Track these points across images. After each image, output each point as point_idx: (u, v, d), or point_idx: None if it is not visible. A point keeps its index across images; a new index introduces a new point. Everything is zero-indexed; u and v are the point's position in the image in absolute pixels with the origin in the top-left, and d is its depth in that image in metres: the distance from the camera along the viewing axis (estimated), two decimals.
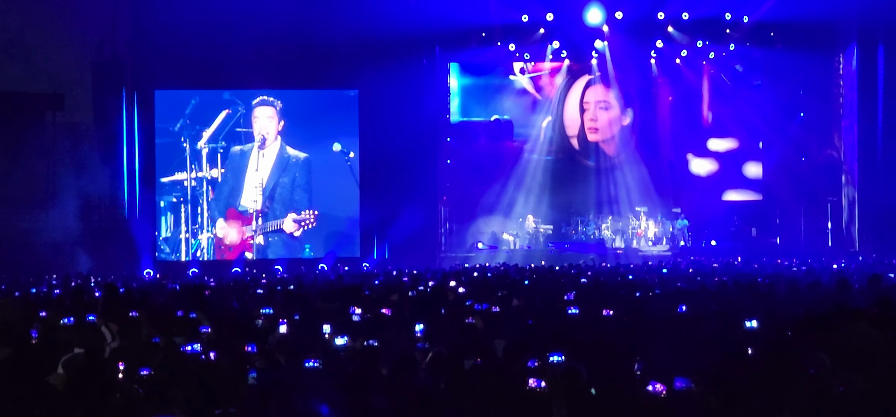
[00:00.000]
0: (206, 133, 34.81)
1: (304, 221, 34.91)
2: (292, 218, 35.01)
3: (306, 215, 34.96)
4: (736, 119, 38.19)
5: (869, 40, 35.45)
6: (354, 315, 13.64)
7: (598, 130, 38.73)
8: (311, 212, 34.98)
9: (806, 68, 37.15)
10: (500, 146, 38.36)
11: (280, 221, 34.99)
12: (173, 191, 34.86)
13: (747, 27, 36.04)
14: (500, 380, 9.08)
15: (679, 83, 38.47)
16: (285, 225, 34.98)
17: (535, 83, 38.50)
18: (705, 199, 37.92)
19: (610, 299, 16.74)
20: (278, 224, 35.01)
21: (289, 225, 35.00)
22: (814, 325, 11.76)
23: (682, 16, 35.76)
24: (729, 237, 36.96)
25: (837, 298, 16.31)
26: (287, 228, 34.99)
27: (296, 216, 34.94)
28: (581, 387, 8.83)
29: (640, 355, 9.94)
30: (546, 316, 13.63)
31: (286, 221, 34.99)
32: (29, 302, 17.65)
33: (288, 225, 34.99)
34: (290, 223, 35.00)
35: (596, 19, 35.95)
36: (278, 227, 34.98)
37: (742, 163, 38.54)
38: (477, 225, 37.80)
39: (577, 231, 37.65)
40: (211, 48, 33.96)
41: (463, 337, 11.96)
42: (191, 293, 18.61)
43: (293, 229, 35.01)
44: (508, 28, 36.17)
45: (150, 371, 9.17)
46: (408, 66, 35.42)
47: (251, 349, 10.64)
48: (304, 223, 34.92)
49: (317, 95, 35.59)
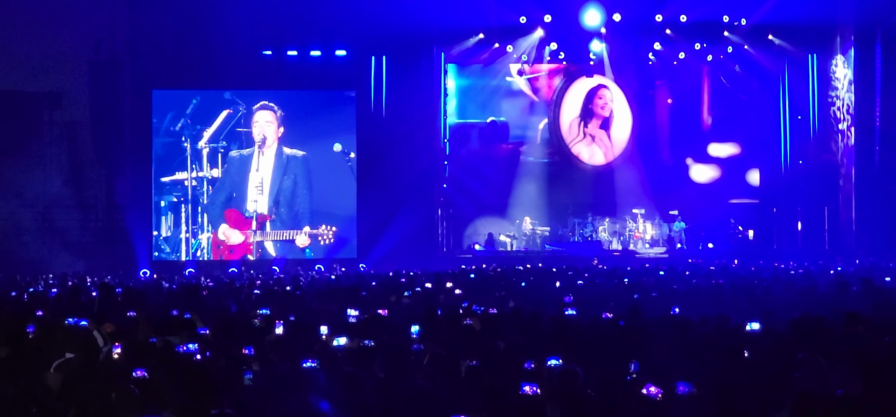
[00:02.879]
0: (207, 133, 34.77)
1: (322, 237, 34.75)
2: (307, 232, 34.82)
3: (324, 230, 34.77)
4: (736, 122, 38.15)
5: (866, 43, 35.45)
6: (350, 317, 13.63)
7: (594, 136, 38.68)
8: (329, 229, 34.78)
9: (803, 71, 37.15)
10: (495, 148, 38.34)
11: (293, 232, 34.80)
12: (174, 191, 34.82)
13: (745, 29, 36.04)
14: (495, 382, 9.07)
15: (678, 85, 38.46)
16: (298, 240, 34.77)
17: (532, 84, 38.48)
18: (702, 202, 37.89)
19: (607, 301, 16.77)
20: (292, 235, 34.82)
21: (302, 239, 34.79)
22: (811, 328, 11.76)
23: (680, 18, 35.76)
24: (726, 240, 36.93)
25: (834, 301, 16.34)
26: (300, 243, 34.79)
27: (311, 230, 34.75)
28: (578, 390, 8.82)
29: (636, 357, 9.94)
30: (543, 318, 13.61)
31: (300, 236, 34.76)
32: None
33: (301, 239, 34.77)
34: (304, 237, 34.80)
35: (594, 21, 35.94)
36: (291, 238, 34.82)
37: (744, 169, 38.41)
38: (474, 227, 37.78)
39: (574, 233, 37.64)
40: (208, 48, 33.89)
41: (460, 338, 11.96)
42: (187, 293, 18.63)
43: (306, 244, 34.81)
44: (506, 29, 36.17)
45: (147, 371, 9.15)
46: (406, 67, 35.42)
47: (248, 351, 10.62)
48: (322, 238, 34.77)
49: (315, 96, 35.57)
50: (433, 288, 20.33)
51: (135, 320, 13.45)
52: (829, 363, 9.80)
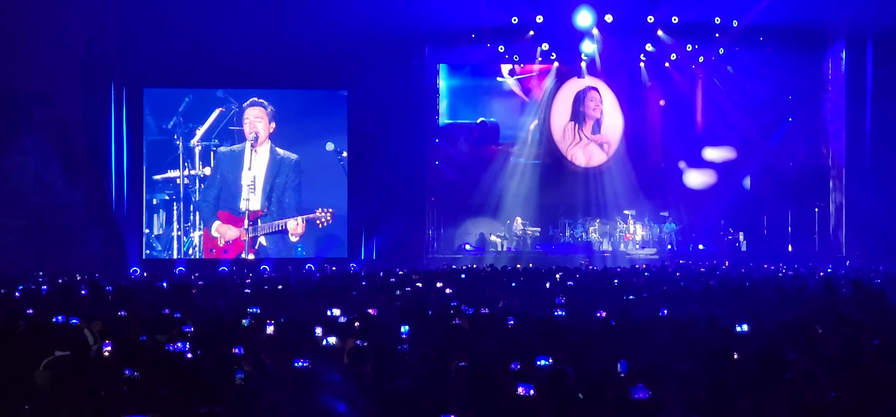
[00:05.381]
0: (200, 131, 34.73)
1: (319, 220, 34.64)
2: (301, 217, 34.70)
3: (320, 213, 34.65)
4: (729, 125, 38.08)
5: (857, 45, 35.52)
6: (340, 317, 13.63)
7: (586, 137, 38.70)
8: (326, 211, 34.65)
9: (794, 72, 37.22)
10: (486, 148, 38.35)
11: (284, 221, 34.70)
12: (166, 189, 34.78)
13: (737, 31, 36.07)
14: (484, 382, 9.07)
15: (670, 87, 38.46)
16: (290, 225, 34.65)
17: (523, 85, 38.50)
18: (693, 204, 37.91)
19: (598, 302, 16.78)
20: (286, 224, 34.73)
21: (298, 225, 34.64)
22: (800, 330, 11.79)
23: (672, 19, 35.78)
24: (717, 241, 36.97)
25: (824, 303, 16.38)
26: (296, 228, 34.64)
27: (308, 215, 34.64)
28: (568, 390, 8.83)
29: (626, 357, 9.95)
30: (533, 318, 13.62)
31: (295, 222, 34.61)
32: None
33: (297, 225, 34.62)
34: (301, 222, 34.67)
35: (585, 22, 35.95)
36: (285, 227, 34.73)
37: (739, 173, 38.26)
38: (465, 227, 37.79)
39: (564, 233, 37.65)
40: (199, 47, 33.85)
41: (449, 338, 11.96)
42: (177, 292, 18.61)
43: (302, 230, 34.69)
44: (498, 29, 36.17)
45: (136, 370, 9.14)
46: (397, 67, 35.40)
47: (238, 350, 10.61)
48: (319, 221, 34.63)
49: (307, 95, 35.55)
50: (423, 288, 20.33)
51: (125, 319, 13.44)
52: (819, 365, 9.82)
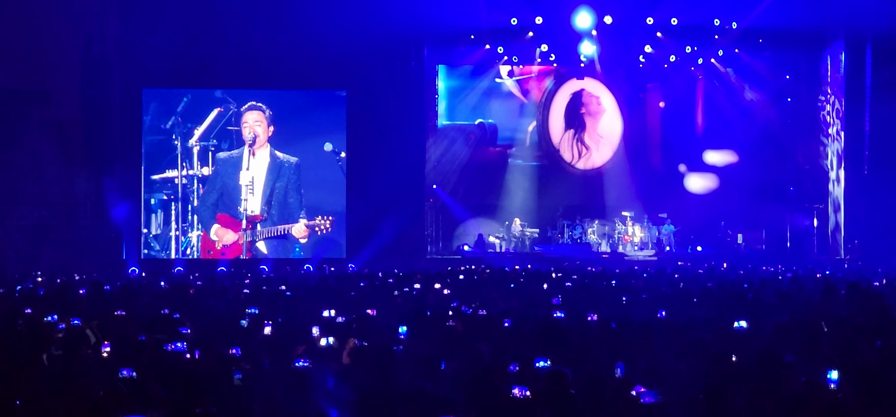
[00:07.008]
0: (198, 131, 34.71)
1: (319, 227, 34.60)
2: (304, 223, 34.66)
3: (320, 221, 34.61)
4: (729, 127, 38.03)
5: (856, 47, 35.51)
6: (337, 318, 13.63)
7: (585, 139, 38.71)
8: (326, 219, 34.60)
9: (793, 74, 37.21)
10: (484, 150, 38.35)
11: (288, 226, 34.66)
12: (164, 189, 34.76)
13: (736, 33, 36.04)
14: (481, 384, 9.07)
15: (670, 89, 38.44)
16: (294, 230, 34.60)
17: (522, 86, 38.50)
18: (692, 205, 37.89)
19: (596, 303, 16.78)
20: (286, 229, 34.68)
21: (299, 229, 34.61)
22: (798, 331, 11.79)
23: (671, 21, 35.74)
24: (715, 243, 36.96)
25: (822, 305, 16.38)
26: (296, 233, 34.61)
27: (308, 221, 34.60)
28: (566, 391, 8.83)
29: (625, 359, 9.95)
30: (531, 319, 13.62)
31: (296, 227, 34.57)
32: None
33: (298, 229, 34.59)
34: (301, 228, 34.63)
35: (585, 24, 35.92)
36: (286, 233, 34.67)
37: (741, 177, 37.95)
38: (463, 228, 37.79)
39: (563, 234, 37.65)
40: (199, 47, 33.87)
41: (446, 339, 11.96)
42: (175, 292, 18.61)
43: (303, 234, 34.66)
44: (497, 31, 36.14)
45: (134, 370, 9.14)
46: (396, 68, 35.39)
47: (235, 351, 10.61)
48: (319, 228, 34.60)
49: (305, 95, 35.54)
50: (422, 289, 20.33)
51: (123, 318, 13.43)
52: (818, 366, 9.82)
